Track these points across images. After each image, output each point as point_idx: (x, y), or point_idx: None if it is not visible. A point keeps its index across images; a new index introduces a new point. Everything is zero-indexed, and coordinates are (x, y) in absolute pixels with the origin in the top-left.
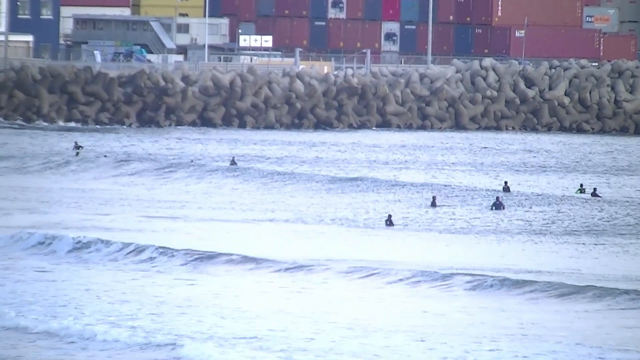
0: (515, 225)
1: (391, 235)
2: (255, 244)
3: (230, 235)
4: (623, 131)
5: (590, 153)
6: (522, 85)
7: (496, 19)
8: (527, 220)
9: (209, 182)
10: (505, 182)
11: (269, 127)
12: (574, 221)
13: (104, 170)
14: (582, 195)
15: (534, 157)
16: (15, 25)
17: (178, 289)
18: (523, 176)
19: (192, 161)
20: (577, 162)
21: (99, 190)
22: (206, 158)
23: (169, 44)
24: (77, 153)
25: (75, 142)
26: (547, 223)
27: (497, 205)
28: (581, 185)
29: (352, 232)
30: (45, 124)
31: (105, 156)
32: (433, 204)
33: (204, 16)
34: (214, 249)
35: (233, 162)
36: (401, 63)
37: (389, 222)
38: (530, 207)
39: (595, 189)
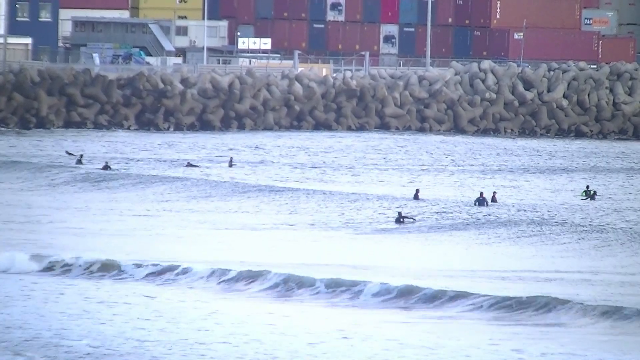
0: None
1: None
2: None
3: None
4: (622, 133)
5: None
6: (520, 87)
7: (495, 22)
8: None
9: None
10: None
11: (268, 129)
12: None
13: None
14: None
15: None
16: (14, 28)
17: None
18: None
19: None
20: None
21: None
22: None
23: (168, 47)
24: (80, 161)
25: (77, 154)
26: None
27: (481, 201)
28: (587, 187)
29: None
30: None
31: (109, 167)
32: (416, 197)
33: (203, 19)
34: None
35: (230, 164)
36: (400, 65)
37: (401, 219)
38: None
39: (594, 192)
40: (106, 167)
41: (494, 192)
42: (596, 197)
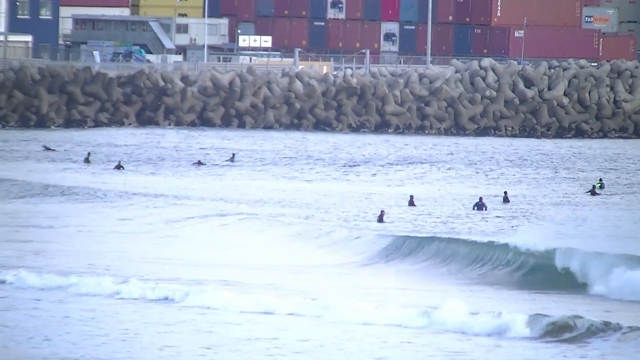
0: None
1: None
2: None
3: None
4: (622, 131)
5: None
6: (521, 85)
7: (495, 19)
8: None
9: None
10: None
11: (268, 127)
12: None
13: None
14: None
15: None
16: (15, 26)
17: None
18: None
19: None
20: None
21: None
22: None
23: (168, 44)
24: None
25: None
26: None
27: (479, 206)
28: (600, 179)
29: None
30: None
31: (121, 167)
32: (411, 204)
33: (203, 16)
34: None
35: (232, 159)
36: (400, 63)
37: (380, 218)
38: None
39: (595, 187)
40: (119, 166)
41: (505, 192)
42: (597, 192)
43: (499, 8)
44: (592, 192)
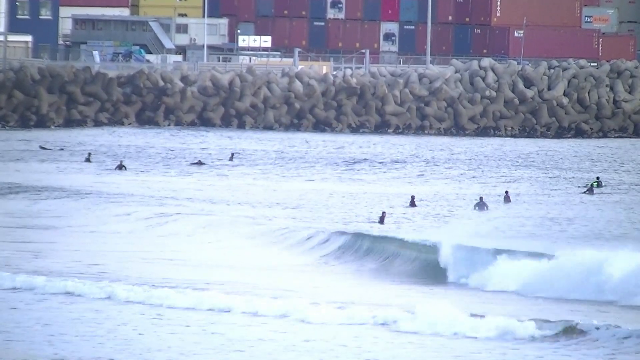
0: None
1: None
2: None
3: None
4: (622, 131)
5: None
6: (521, 85)
7: (495, 19)
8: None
9: None
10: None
11: (268, 127)
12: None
13: None
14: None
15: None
16: (14, 26)
17: None
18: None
19: None
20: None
21: None
22: None
23: (168, 44)
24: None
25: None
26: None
27: (480, 206)
28: (597, 178)
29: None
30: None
31: (123, 167)
32: (412, 204)
33: (203, 16)
34: None
35: (232, 158)
36: (400, 63)
37: (382, 220)
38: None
39: (592, 185)
40: (121, 166)
41: (506, 191)
42: (594, 190)
43: (498, 8)
44: (590, 191)
